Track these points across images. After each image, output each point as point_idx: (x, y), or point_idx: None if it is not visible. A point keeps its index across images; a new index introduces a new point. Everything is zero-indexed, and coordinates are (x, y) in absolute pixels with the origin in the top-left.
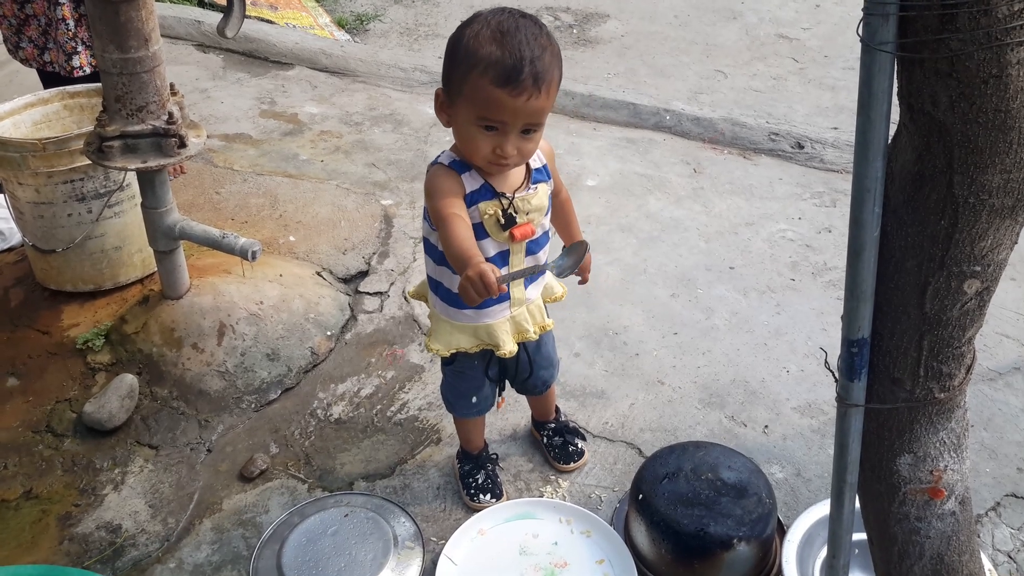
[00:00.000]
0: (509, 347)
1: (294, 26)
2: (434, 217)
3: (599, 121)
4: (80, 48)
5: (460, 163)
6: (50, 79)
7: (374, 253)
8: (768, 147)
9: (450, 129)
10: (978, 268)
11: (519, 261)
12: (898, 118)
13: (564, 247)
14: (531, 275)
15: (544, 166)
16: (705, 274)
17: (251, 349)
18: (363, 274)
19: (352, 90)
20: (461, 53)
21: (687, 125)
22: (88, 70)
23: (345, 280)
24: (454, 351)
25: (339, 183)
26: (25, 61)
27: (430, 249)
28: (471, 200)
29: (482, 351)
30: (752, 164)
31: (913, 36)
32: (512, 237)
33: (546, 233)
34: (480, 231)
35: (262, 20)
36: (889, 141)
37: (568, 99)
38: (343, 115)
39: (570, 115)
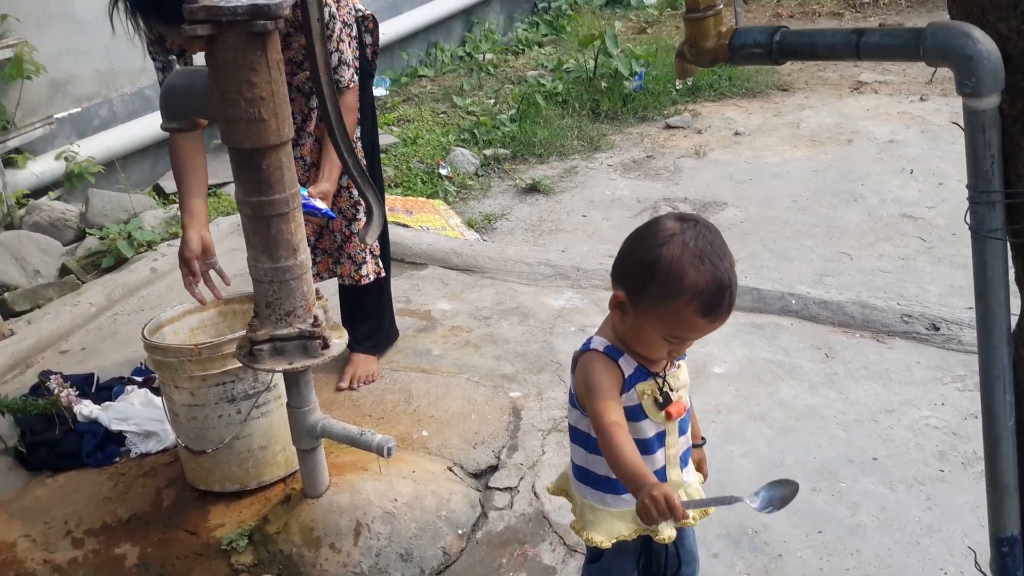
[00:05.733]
0: (668, 532)
1: (427, 228)
2: (594, 420)
3: None
4: (368, 258)
5: (615, 348)
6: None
7: (503, 447)
8: (902, 329)
9: (576, 320)
10: None
11: (674, 441)
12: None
13: (769, 482)
14: (718, 505)
15: None
16: (847, 466)
17: (385, 549)
18: (493, 468)
19: (481, 286)
20: (662, 275)
21: (814, 309)
22: (372, 277)
23: (475, 475)
24: (615, 539)
25: (469, 376)
26: (318, 275)
27: (580, 438)
28: (629, 383)
29: (632, 544)
30: (887, 347)
31: (1022, 222)
32: (668, 416)
33: (689, 409)
34: (638, 412)
35: (399, 224)
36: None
37: None
38: (472, 310)
39: None
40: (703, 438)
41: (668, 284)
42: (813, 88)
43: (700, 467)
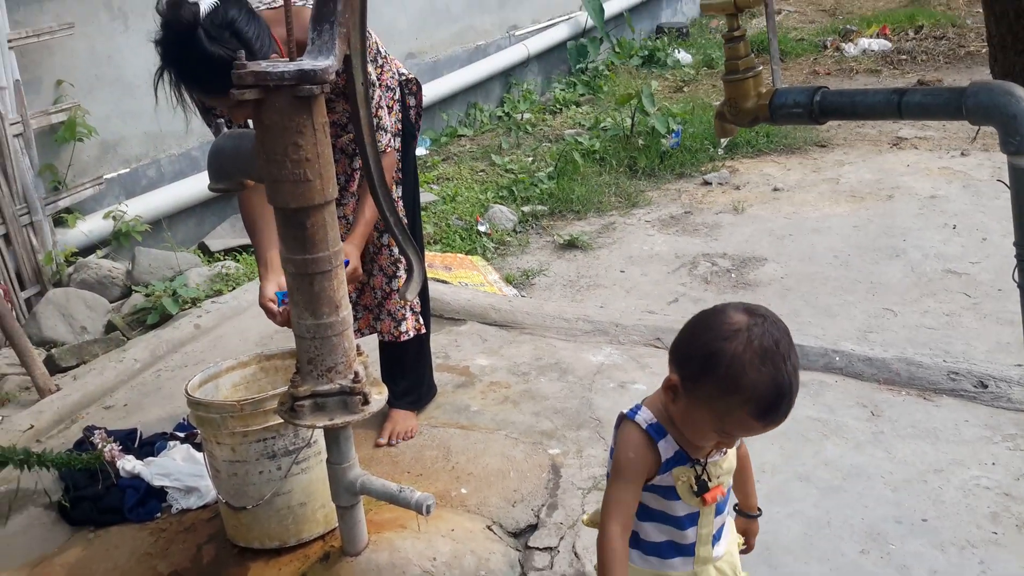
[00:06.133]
0: None
1: (466, 284)
2: (603, 510)
3: None
4: (408, 315)
5: (658, 427)
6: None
7: (543, 505)
8: (949, 387)
9: (616, 376)
10: None
11: (708, 521)
12: None
13: None
14: None
15: None
16: (896, 527)
17: None
18: (532, 527)
19: (519, 341)
20: (721, 371)
21: (859, 366)
22: (412, 334)
23: (514, 534)
24: None
25: (508, 433)
26: (359, 331)
27: None
28: (665, 467)
29: None
30: (934, 405)
31: None
32: (704, 501)
33: (730, 489)
34: (671, 493)
35: (438, 281)
36: None
37: None
38: (511, 366)
39: None
40: (759, 509)
41: (726, 381)
42: (852, 144)
43: (748, 537)
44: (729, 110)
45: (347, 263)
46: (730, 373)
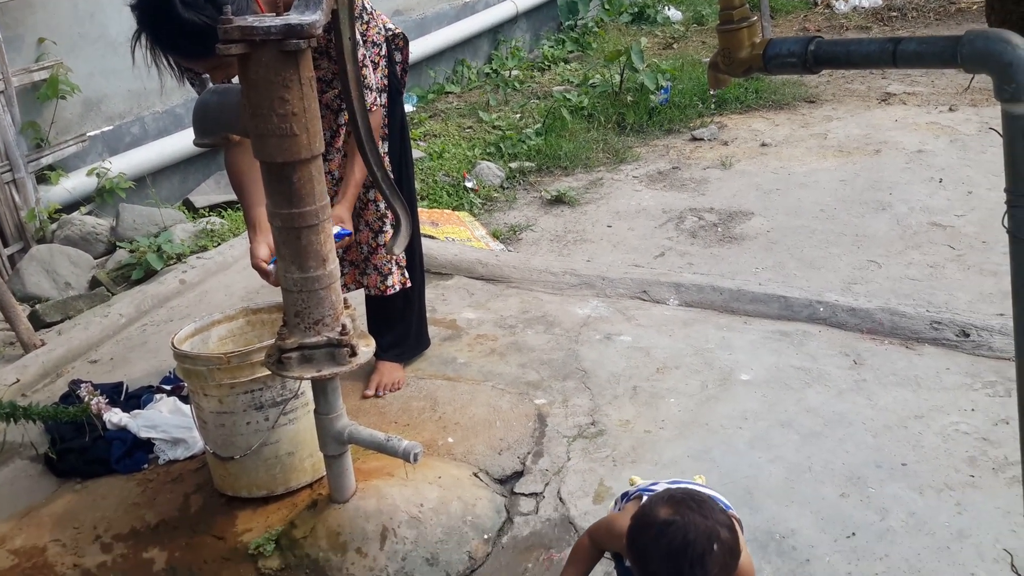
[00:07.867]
0: None
1: (453, 239)
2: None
3: (749, 315)
4: (394, 269)
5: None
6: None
7: (528, 453)
8: (931, 336)
9: (602, 328)
10: None
11: None
12: None
13: None
14: None
15: None
16: (876, 471)
17: (411, 553)
18: (518, 474)
19: (506, 295)
20: (637, 551)
21: (843, 316)
22: (398, 288)
23: (501, 481)
24: None
25: (494, 384)
26: (345, 287)
27: None
28: None
29: None
30: (916, 354)
31: None
32: None
33: None
34: None
35: (425, 236)
36: None
37: (716, 295)
38: (498, 319)
39: (719, 310)
40: None
41: (638, 562)
42: (840, 100)
43: None
44: (723, 60)
45: (348, 233)
46: (642, 557)
